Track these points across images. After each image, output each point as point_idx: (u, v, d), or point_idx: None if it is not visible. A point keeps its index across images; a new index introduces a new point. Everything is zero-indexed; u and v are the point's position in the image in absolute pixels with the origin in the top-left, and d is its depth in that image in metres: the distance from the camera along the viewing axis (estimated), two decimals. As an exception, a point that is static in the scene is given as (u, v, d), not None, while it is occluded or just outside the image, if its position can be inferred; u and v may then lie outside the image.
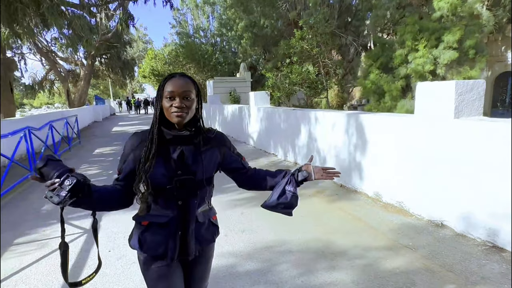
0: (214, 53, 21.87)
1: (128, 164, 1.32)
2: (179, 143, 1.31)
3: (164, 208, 1.32)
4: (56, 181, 1.09)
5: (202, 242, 1.43)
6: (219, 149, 1.43)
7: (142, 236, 1.35)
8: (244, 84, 17.42)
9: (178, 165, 1.29)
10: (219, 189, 5.15)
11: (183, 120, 1.26)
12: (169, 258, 1.34)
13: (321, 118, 5.66)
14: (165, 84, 1.26)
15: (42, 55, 20.88)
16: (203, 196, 1.39)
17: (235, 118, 10.55)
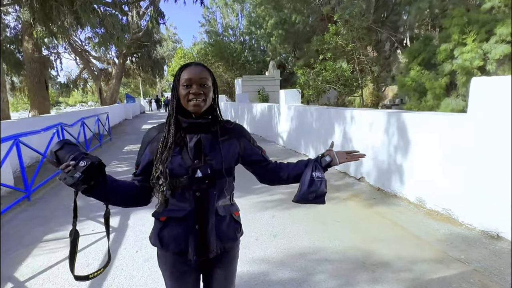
0: (243, 51, 21.76)
1: (145, 157, 1.29)
2: (196, 131, 1.25)
3: (181, 201, 1.26)
4: (71, 163, 1.04)
5: (223, 239, 1.33)
6: (238, 140, 1.37)
7: (161, 233, 1.31)
8: (273, 83, 17.15)
9: (195, 153, 1.24)
10: (248, 190, 4.94)
11: (201, 108, 1.22)
12: (190, 255, 1.27)
13: (357, 117, 5.31)
14: (181, 73, 1.23)
15: (77, 54, 21.58)
16: (223, 187, 1.31)
17: (264, 117, 10.32)
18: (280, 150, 8.41)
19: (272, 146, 9.01)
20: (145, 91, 49.86)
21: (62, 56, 23.06)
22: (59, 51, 22.58)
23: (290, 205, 4.30)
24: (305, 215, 3.95)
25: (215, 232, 1.29)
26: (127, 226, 3.77)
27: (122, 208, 1.46)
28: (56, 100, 49.57)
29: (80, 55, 21.64)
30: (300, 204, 1.41)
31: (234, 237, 1.38)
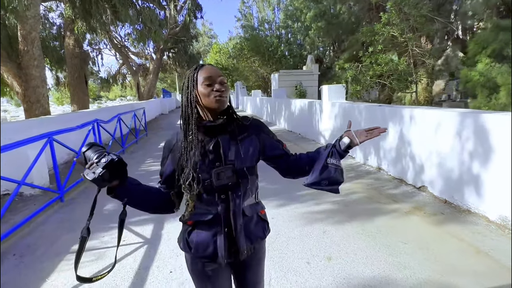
0: (279, 46, 21.17)
1: (167, 166, 1.31)
2: (213, 133, 1.25)
3: (207, 204, 1.25)
4: (94, 161, 1.09)
5: (252, 240, 1.31)
6: (258, 136, 1.34)
7: (189, 237, 1.29)
8: (311, 78, 16.46)
9: (214, 156, 1.23)
10: (291, 197, 4.44)
11: (224, 103, 1.22)
12: (220, 258, 1.25)
13: (419, 117, 4.62)
14: (198, 72, 1.22)
15: (117, 50, 22.01)
16: (247, 187, 1.28)
17: (304, 114, 9.73)
18: (321, 150, 7.82)
19: (313, 145, 8.42)
20: (181, 86, 50.54)
21: (103, 52, 23.64)
22: (100, 47, 23.30)
23: (342, 217, 3.75)
24: (362, 232, 3.38)
25: (244, 233, 1.27)
26: (160, 237, 3.41)
27: (155, 216, 1.39)
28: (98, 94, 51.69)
29: (119, 51, 22.06)
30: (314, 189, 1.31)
31: (263, 235, 1.37)
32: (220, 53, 32.76)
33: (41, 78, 7.49)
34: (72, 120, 7.20)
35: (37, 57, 7.24)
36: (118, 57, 25.00)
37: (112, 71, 25.83)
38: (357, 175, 5.56)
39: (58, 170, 4.66)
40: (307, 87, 16.28)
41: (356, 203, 4.24)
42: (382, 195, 4.55)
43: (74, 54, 10.27)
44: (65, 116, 7.31)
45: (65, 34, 10.44)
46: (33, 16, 7.00)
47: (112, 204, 4.43)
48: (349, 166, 6.19)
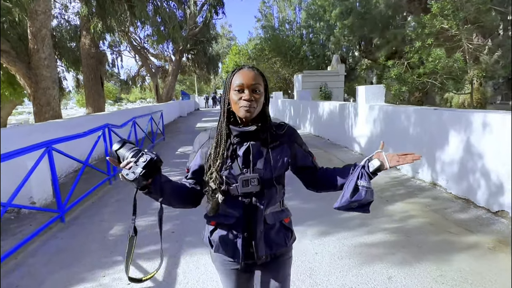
0: (302, 46, 20.31)
1: (196, 161, 1.32)
2: (246, 139, 1.24)
3: (230, 207, 1.25)
4: (131, 160, 1.07)
5: (272, 247, 1.29)
6: (289, 146, 1.31)
7: (211, 236, 1.32)
8: (337, 78, 15.53)
9: (243, 161, 1.23)
10: (334, 221, 3.60)
11: (252, 114, 1.18)
12: (238, 261, 1.28)
13: (496, 123, 3.72)
14: (233, 76, 1.20)
15: (136, 52, 21.73)
16: (272, 195, 1.27)
17: (334, 118, 8.85)
18: (356, 158, 6.94)
19: (345, 152, 7.55)
20: (199, 88, 50.44)
21: (123, 54, 23.45)
22: (120, 49, 23.12)
23: (407, 254, 2.90)
24: (441, 279, 2.53)
25: (264, 240, 1.27)
26: (175, 279, 2.65)
27: (169, 246, 1.76)
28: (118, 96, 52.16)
29: (139, 53, 21.76)
30: (346, 212, 1.30)
31: (284, 244, 1.33)
32: (239, 54, 32.26)
33: (52, 79, 6.95)
34: (82, 124, 6.60)
35: (47, 56, 6.70)
36: (137, 59, 24.83)
37: (131, 73, 25.65)
38: (408, 192, 4.67)
39: (59, 184, 3.99)
40: (332, 89, 15.35)
41: (418, 232, 3.38)
42: (449, 221, 3.66)
43: (90, 54, 9.78)
44: (74, 121, 6.72)
45: (81, 34, 9.97)
46: (43, 12, 6.46)
47: (120, 227, 3.74)
48: (395, 180, 5.30)
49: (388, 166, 1.22)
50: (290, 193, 4.54)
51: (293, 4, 25.82)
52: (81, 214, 4.22)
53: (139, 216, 2.98)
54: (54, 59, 7.11)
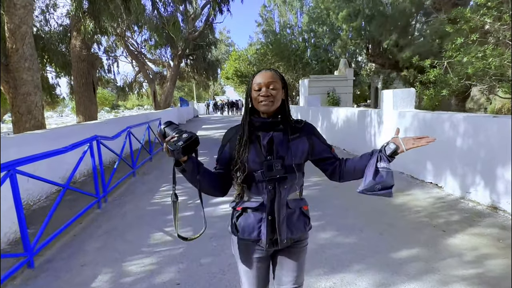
0: (306, 50, 19.52)
1: (225, 153, 1.45)
2: (269, 129, 1.38)
3: (256, 193, 1.39)
4: (175, 135, 1.24)
5: (293, 231, 1.42)
6: (308, 138, 1.45)
7: (237, 221, 1.43)
8: (345, 83, 14.73)
9: (267, 150, 1.37)
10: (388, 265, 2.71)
11: (269, 108, 1.34)
12: (263, 242, 1.39)
13: None
14: (254, 78, 1.38)
15: (133, 57, 20.89)
16: (293, 182, 1.40)
17: (351, 126, 7.98)
18: (383, 172, 6.05)
19: (369, 165, 6.67)
20: (198, 94, 49.66)
21: (119, 59, 22.60)
22: (116, 55, 22.27)
23: None
24: None
25: (286, 224, 1.39)
26: None
27: None
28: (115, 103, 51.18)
29: (136, 58, 20.92)
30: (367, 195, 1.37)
31: (303, 229, 1.46)
32: (239, 59, 31.52)
33: (34, 84, 6.04)
34: (68, 136, 5.70)
35: (28, 57, 5.80)
36: (134, 65, 23.99)
37: (128, 79, 24.76)
38: (465, 219, 3.78)
39: (33, 212, 3.08)
40: (341, 94, 14.53)
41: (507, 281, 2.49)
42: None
43: (81, 57, 8.88)
44: (58, 132, 5.80)
45: (72, 34, 9.11)
46: (23, 6, 5.58)
47: (108, 275, 2.82)
48: (441, 201, 4.41)
49: (404, 149, 1.33)
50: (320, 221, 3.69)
51: (294, 8, 25.17)
52: (57, 254, 3.28)
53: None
54: (36, 60, 6.22)
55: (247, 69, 29.02)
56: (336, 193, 4.93)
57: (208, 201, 4.33)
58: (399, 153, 1.35)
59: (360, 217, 3.96)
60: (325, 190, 5.13)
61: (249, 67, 28.92)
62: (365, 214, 4.04)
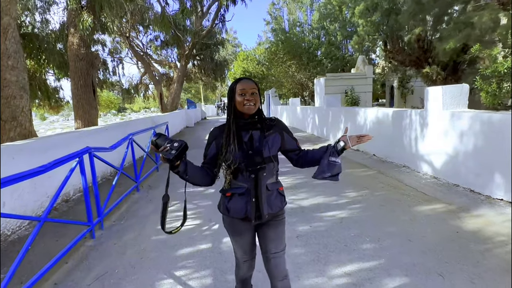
0: (319, 47, 18.51)
1: (211, 150, 1.77)
2: (249, 128, 1.73)
3: (241, 181, 1.73)
4: (167, 146, 1.52)
5: (272, 207, 1.78)
6: (280, 133, 1.82)
7: (228, 204, 1.78)
8: (364, 81, 13.73)
9: (248, 146, 1.71)
10: None
11: (253, 109, 1.69)
12: (249, 219, 1.74)
13: None
14: (237, 85, 1.71)
15: (138, 58, 20.11)
16: (270, 169, 1.76)
17: (384, 128, 6.99)
18: (430, 184, 5.07)
19: (409, 175, 5.67)
20: (205, 96, 48.92)
21: (124, 61, 21.83)
22: (121, 56, 21.51)
23: None
24: None
25: (267, 202, 1.75)
26: None
27: None
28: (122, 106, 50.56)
29: (141, 59, 20.12)
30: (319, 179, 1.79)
31: (281, 205, 1.83)
32: (247, 60, 30.70)
33: (19, 85, 5.19)
34: (58, 146, 4.84)
35: (12, 54, 4.95)
36: (140, 66, 23.22)
37: (134, 81, 23.99)
38: None
39: None
40: (360, 93, 13.53)
41: None
42: None
43: (79, 56, 8.04)
44: (46, 141, 4.90)
45: (69, 31, 8.28)
46: (4, -7, 4.73)
47: None
48: None
49: (351, 146, 1.74)
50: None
51: (304, 6, 24.22)
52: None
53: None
54: (22, 58, 5.37)
55: (256, 69, 28.17)
56: (384, 213, 3.97)
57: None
58: (346, 149, 1.76)
59: (431, 252, 2.99)
60: (369, 209, 4.17)
61: (258, 67, 28.05)
62: (436, 248, 3.07)
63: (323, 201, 4.60)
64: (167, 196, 1.66)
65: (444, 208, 4.05)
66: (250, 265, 1.94)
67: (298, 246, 3.25)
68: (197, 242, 3.51)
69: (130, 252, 3.38)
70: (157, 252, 3.34)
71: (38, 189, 4.51)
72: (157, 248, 3.42)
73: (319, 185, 5.34)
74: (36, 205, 4.48)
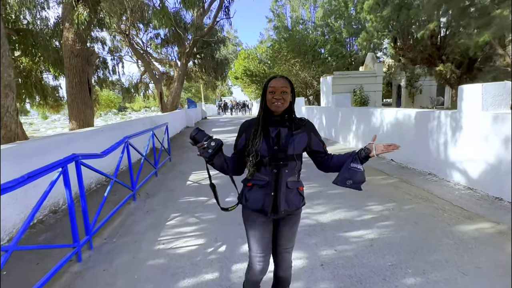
0: (325, 45, 17.89)
1: (241, 141, 1.83)
2: (277, 125, 1.76)
3: (263, 174, 1.76)
4: (205, 143, 1.69)
5: (290, 205, 1.79)
6: (308, 134, 1.82)
7: (247, 194, 1.83)
8: (374, 80, 13.14)
9: (275, 141, 1.74)
10: None
11: (279, 108, 1.71)
12: (265, 212, 1.77)
13: None
14: (269, 82, 1.75)
15: (138, 56, 19.52)
16: (293, 167, 1.77)
17: (405, 131, 6.40)
18: (465, 196, 4.49)
19: (438, 184, 5.09)
20: (206, 95, 48.36)
21: (124, 59, 21.22)
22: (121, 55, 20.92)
23: None
24: None
25: (285, 199, 1.76)
26: None
27: None
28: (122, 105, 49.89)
29: (141, 57, 19.53)
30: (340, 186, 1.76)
31: (298, 205, 1.84)
32: (248, 58, 30.12)
33: (4, 82, 4.62)
34: (43, 151, 4.26)
35: (-7, 47, 4.37)
36: (140, 65, 22.64)
37: (134, 80, 23.37)
38: None
39: None
40: (369, 92, 12.93)
41: None
42: None
43: (74, 52, 7.45)
44: (30, 147, 4.31)
45: (64, 26, 7.69)
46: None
47: None
48: None
49: (375, 154, 1.72)
50: None
51: (307, 2, 23.61)
52: None
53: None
54: (7, 52, 4.79)
55: (257, 68, 27.60)
56: (421, 234, 3.37)
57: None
58: (370, 157, 1.74)
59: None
60: (401, 227, 3.57)
61: (259, 66, 27.46)
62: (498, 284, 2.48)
63: (345, 216, 4.02)
64: (213, 185, 1.89)
65: (492, 228, 3.45)
66: (263, 267, 1.85)
67: (325, 279, 2.66)
68: (201, 269, 2.92)
69: (121, 283, 2.79)
70: (153, 283, 2.76)
71: (21, 200, 3.94)
72: (154, 278, 2.83)
73: (336, 196, 4.76)
74: (18, 219, 3.91)
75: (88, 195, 5.31)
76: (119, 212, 4.50)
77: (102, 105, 32.96)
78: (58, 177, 2.97)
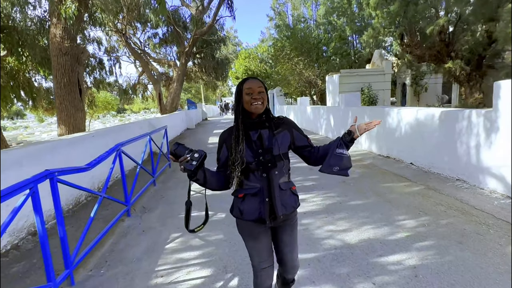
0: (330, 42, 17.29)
1: (223, 153, 1.73)
2: (257, 128, 1.70)
3: (253, 181, 1.68)
4: (188, 157, 1.53)
5: (287, 207, 1.72)
6: (289, 131, 1.77)
7: (241, 206, 1.73)
8: (382, 78, 12.54)
9: (258, 145, 1.67)
10: None
11: (260, 109, 1.65)
12: (263, 220, 1.68)
13: None
14: (244, 84, 1.68)
15: (136, 56, 18.93)
16: (281, 168, 1.69)
17: (428, 133, 5.79)
18: (507, 207, 3.90)
19: (470, 192, 4.50)
20: (206, 96, 47.79)
21: (121, 59, 20.65)
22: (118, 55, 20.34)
23: None
24: None
25: (280, 202, 1.69)
26: None
27: None
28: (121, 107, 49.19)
29: (139, 57, 18.93)
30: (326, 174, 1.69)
31: (295, 205, 1.78)
32: (249, 58, 29.64)
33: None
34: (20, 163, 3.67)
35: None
36: (137, 65, 22.04)
37: (131, 81, 22.76)
38: None
39: None
40: (377, 91, 12.33)
41: None
42: None
43: (62, 50, 6.85)
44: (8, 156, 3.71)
45: (51, 22, 7.09)
46: None
47: None
48: None
49: (358, 135, 1.69)
50: None
51: (309, 0, 23.07)
52: None
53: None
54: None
55: (258, 67, 27.08)
56: (471, 258, 2.77)
57: None
58: (355, 139, 1.69)
59: None
60: (445, 250, 2.97)
61: (261, 65, 26.94)
62: None
63: (374, 234, 3.42)
64: (189, 202, 1.71)
65: None
66: (268, 274, 1.81)
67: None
68: None
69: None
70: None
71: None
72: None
73: (359, 207, 4.17)
74: None
75: (75, 211, 4.70)
76: (111, 231, 3.90)
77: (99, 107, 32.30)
78: (24, 201, 2.36)
